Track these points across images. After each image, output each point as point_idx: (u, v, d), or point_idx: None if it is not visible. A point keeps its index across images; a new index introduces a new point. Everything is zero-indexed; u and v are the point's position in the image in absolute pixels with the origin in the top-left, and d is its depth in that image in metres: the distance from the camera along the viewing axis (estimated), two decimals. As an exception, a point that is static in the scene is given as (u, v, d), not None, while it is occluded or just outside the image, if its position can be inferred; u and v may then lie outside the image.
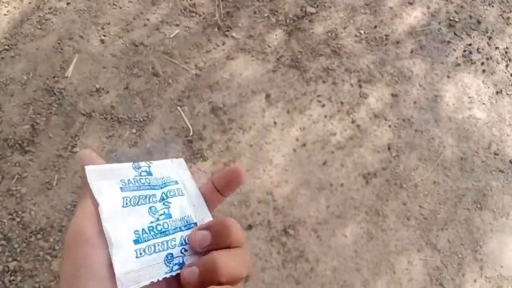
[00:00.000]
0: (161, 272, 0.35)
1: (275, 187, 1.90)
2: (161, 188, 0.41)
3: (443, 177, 2.01)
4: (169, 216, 0.39)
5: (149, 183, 0.40)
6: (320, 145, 2.00)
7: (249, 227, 1.82)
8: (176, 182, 0.42)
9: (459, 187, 2.00)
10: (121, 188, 0.38)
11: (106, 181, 0.38)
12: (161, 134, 1.96)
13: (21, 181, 1.81)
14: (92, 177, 0.37)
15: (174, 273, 0.36)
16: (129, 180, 0.39)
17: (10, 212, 1.76)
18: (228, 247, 0.36)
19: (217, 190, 0.42)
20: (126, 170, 0.40)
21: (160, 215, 0.39)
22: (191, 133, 1.97)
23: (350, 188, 1.94)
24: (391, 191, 1.95)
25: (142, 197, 0.39)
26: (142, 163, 0.41)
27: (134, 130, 1.95)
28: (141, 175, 0.40)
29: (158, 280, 0.35)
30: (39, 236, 1.73)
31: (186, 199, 0.41)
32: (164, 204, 0.40)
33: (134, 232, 0.36)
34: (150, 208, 0.38)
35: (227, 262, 0.34)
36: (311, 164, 1.96)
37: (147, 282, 0.34)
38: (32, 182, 1.82)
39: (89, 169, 0.37)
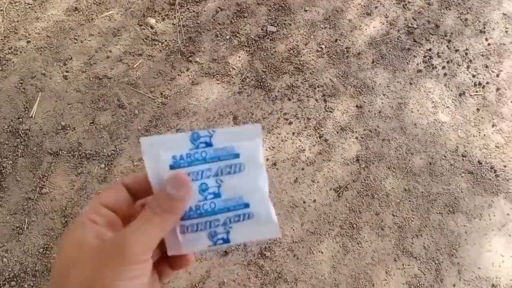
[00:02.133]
0: (204, 244, 0.40)
1: (249, 210, 1.90)
2: (218, 161, 0.40)
3: (413, 184, 2.03)
4: (218, 195, 0.40)
5: (205, 156, 0.40)
6: (290, 163, 2.02)
7: (225, 253, 1.82)
8: (238, 156, 0.41)
9: (430, 192, 2.02)
10: (170, 166, 0.39)
11: (157, 156, 0.39)
12: (130, 166, 1.96)
13: (-10, 229, 1.79)
14: (144, 150, 0.39)
15: (217, 247, 0.40)
16: (181, 156, 0.39)
17: (-20, 262, 1.73)
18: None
19: None
20: (181, 142, 0.39)
21: (209, 193, 0.39)
22: (161, 162, 1.96)
23: (322, 203, 1.95)
24: (363, 202, 1.97)
25: (193, 174, 0.39)
26: (203, 133, 0.40)
27: (102, 165, 1.94)
28: (197, 148, 0.40)
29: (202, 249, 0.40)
30: (13, 283, 1.71)
31: (243, 176, 0.41)
32: (216, 181, 0.40)
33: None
34: (200, 185, 0.39)
35: None
36: (282, 182, 1.98)
37: (196, 250, 0.40)
38: (2, 228, 1.80)
39: (143, 141, 0.39)
